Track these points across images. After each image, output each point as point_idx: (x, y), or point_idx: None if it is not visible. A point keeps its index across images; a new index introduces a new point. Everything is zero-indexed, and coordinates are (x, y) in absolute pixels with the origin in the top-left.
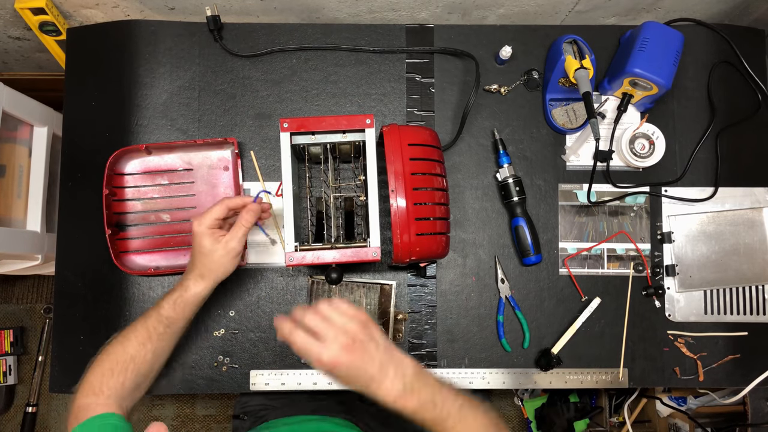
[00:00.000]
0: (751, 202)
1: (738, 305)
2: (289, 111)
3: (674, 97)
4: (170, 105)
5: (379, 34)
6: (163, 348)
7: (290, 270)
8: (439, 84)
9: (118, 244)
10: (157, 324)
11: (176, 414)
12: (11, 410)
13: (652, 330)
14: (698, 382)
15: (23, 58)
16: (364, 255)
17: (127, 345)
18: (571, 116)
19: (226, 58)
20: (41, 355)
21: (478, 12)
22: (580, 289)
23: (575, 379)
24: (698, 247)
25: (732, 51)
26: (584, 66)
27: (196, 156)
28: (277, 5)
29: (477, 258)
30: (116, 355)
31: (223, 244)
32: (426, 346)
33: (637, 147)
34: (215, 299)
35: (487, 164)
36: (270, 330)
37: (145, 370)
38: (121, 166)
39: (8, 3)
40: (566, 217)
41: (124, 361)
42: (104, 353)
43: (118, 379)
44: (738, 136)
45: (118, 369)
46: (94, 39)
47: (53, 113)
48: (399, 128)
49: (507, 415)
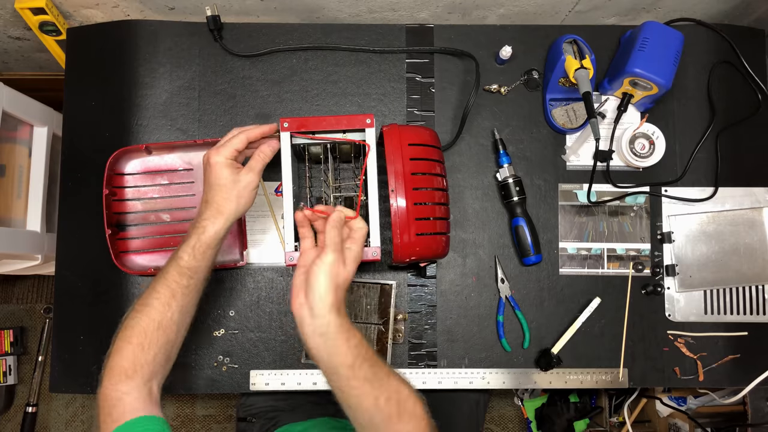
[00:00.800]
0: (751, 202)
1: (738, 305)
2: (289, 111)
3: (674, 97)
4: (170, 105)
5: (379, 34)
6: (188, 304)
7: (290, 270)
8: (439, 84)
9: (118, 244)
10: (179, 278)
11: (176, 414)
12: (11, 410)
13: (652, 330)
14: (698, 382)
15: (23, 58)
16: (364, 255)
17: (151, 312)
18: (571, 116)
19: (226, 58)
20: (41, 355)
21: (478, 12)
22: (580, 290)
23: (575, 379)
24: (698, 247)
25: (732, 51)
26: (584, 66)
27: (196, 156)
28: (277, 5)
29: (477, 258)
30: (142, 327)
31: (244, 175)
32: (426, 346)
33: (637, 147)
34: (215, 299)
35: (487, 164)
36: (270, 330)
37: (173, 335)
38: (121, 166)
39: (8, 3)
40: (566, 217)
41: (152, 331)
42: (128, 328)
43: (149, 354)
44: (738, 136)
45: (148, 342)
46: (94, 39)
47: (53, 113)
48: (399, 128)
49: (507, 415)
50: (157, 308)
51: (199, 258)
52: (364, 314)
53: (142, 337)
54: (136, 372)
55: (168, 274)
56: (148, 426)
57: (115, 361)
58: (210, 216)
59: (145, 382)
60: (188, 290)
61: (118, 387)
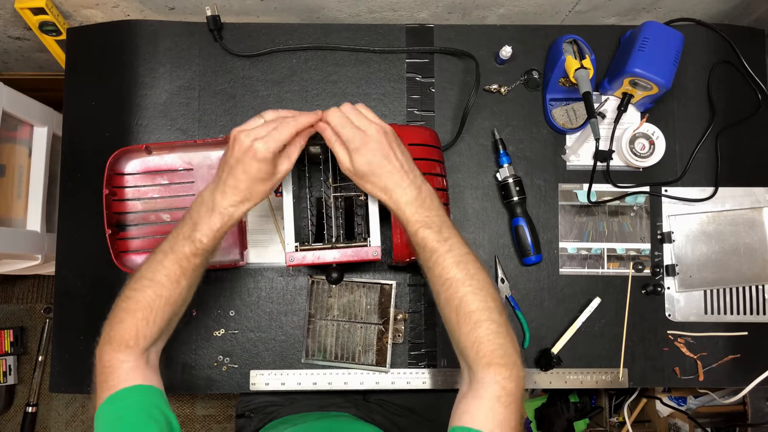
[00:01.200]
0: (751, 202)
1: (738, 305)
2: None
3: (674, 97)
4: (170, 105)
5: (379, 34)
6: (195, 280)
7: (290, 270)
8: (439, 84)
9: (118, 244)
10: (193, 258)
11: (176, 414)
12: (11, 410)
13: (652, 330)
14: (698, 382)
15: (23, 58)
16: (364, 254)
17: (158, 288)
18: (571, 116)
19: (226, 58)
20: (41, 355)
21: (478, 12)
22: (580, 290)
23: (575, 379)
24: (698, 247)
25: (732, 51)
26: (584, 66)
27: (196, 156)
28: (277, 5)
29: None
30: (148, 302)
31: (282, 166)
32: (426, 345)
33: (637, 147)
34: (215, 299)
35: (487, 164)
36: (270, 330)
37: (178, 309)
38: (121, 166)
39: (8, 3)
40: (566, 217)
41: (159, 307)
42: (132, 299)
43: (153, 328)
44: (738, 136)
45: (153, 317)
46: (94, 39)
47: (53, 113)
48: (399, 128)
49: None
50: (166, 285)
51: (218, 240)
52: (364, 314)
53: (147, 311)
54: (138, 344)
55: (179, 252)
56: (141, 395)
57: (116, 331)
58: (237, 202)
59: (143, 352)
60: (199, 268)
61: (116, 355)
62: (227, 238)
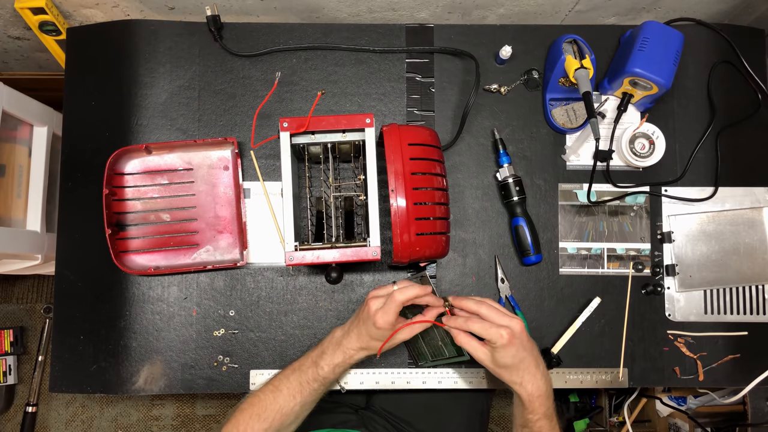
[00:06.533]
0: (751, 202)
1: (738, 305)
2: (289, 111)
3: (674, 97)
4: (170, 105)
5: (379, 33)
6: (310, 402)
7: (290, 270)
8: (439, 84)
9: (118, 244)
10: (312, 381)
11: (176, 414)
12: (11, 410)
13: (652, 330)
14: (698, 382)
15: (23, 58)
16: (364, 254)
17: (278, 395)
18: (571, 116)
19: (226, 58)
20: (41, 355)
21: (478, 12)
22: (580, 290)
23: (575, 379)
24: (698, 247)
25: (732, 51)
26: (584, 66)
27: (196, 156)
28: (277, 5)
29: (477, 258)
30: (266, 403)
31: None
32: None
33: (637, 147)
34: (215, 299)
35: (487, 164)
36: (270, 330)
37: (289, 422)
38: (121, 166)
39: (8, 3)
40: (566, 217)
41: (272, 410)
42: (255, 397)
43: (262, 425)
44: (738, 136)
45: (265, 416)
46: (94, 39)
47: (53, 113)
48: (399, 128)
49: (507, 415)
50: (284, 395)
51: (336, 374)
52: None
53: (261, 410)
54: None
55: (304, 373)
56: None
57: (235, 416)
58: (358, 348)
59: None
60: (315, 393)
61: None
62: (227, 237)
